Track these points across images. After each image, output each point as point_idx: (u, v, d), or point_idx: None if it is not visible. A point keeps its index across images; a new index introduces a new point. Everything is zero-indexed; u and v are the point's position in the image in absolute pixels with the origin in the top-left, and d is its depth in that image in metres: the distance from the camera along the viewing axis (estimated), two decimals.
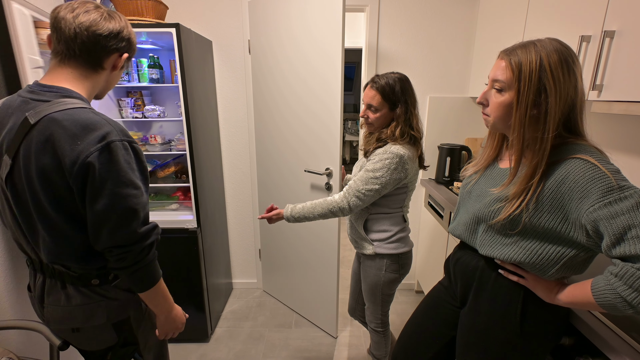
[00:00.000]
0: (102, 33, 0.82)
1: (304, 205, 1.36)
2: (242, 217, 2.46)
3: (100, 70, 0.88)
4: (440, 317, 1.10)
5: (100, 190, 0.78)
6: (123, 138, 0.81)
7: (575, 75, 0.77)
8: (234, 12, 2.08)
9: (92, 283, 0.90)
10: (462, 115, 2.22)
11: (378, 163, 1.26)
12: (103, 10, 0.84)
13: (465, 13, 2.07)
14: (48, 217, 0.82)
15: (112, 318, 0.94)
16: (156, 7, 1.68)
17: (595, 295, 0.72)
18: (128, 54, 0.90)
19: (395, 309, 2.34)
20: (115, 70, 0.91)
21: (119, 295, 0.94)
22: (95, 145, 0.76)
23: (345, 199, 1.31)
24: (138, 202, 0.84)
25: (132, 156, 0.83)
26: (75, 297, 0.90)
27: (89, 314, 0.91)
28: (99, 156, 0.77)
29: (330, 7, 1.63)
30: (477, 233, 0.95)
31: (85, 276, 0.89)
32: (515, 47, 0.80)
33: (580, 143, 0.79)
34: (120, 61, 0.89)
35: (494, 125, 0.88)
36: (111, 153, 0.78)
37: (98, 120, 0.79)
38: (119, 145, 0.79)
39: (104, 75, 0.90)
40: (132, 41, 0.91)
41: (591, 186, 0.71)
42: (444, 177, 2.15)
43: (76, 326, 0.92)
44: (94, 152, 0.76)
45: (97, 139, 0.77)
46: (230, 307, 2.39)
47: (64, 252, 0.85)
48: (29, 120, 0.78)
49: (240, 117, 2.27)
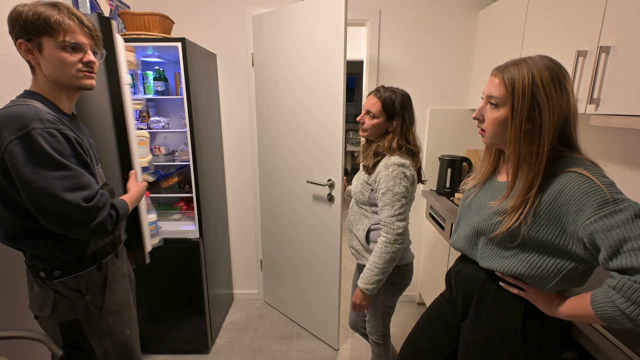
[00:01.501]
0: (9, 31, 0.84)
1: (369, 271, 1.31)
2: (244, 228, 2.47)
3: (32, 68, 0.90)
4: (442, 330, 1.10)
5: (23, 177, 0.80)
6: (48, 126, 0.81)
7: (567, 91, 0.79)
8: (238, 27, 2.13)
9: (40, 275, 0.94)
10: (463, 127, 2.24)
11: (390, 181, 1.28)
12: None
13: (464, 28, 2.11)
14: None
15: (58, 314, 0.95)
16: (163, 22, 1.73)
17: (594, 308, 0.72)
18: (22, 38, 0.85)
19: (396, 321, 2.32)
20: (34, 56, 0.87)
21: (67, 293, 0.95)
22: (16, 134, 0.78)
23: (389, 232, 1.28)
24: (74, 183, 0.84)
25: (63, 142, 0.83)
26: (34, 284, 0.96)
27: (41, 304, 0.95)
28: (20, 144, 0.78)
29: (332, 21, 1.67)
30: (478, 246, 0.95)
31: (35, 267, 0.94)
32: (508, 65, 0.83)
33: (576, 156, 0.80)
34: (22, 49, 0.86)
35: (490, 140, 0.90)
36: (32, 140, 0.79)
37: (26, 111, 0.80)
38: (40, 132, 0.79)
39: (38, 71, 0.89)
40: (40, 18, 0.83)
41: (586, 199, 0.72)
42: (445, 189, 2.16)
43: (35, 313, 0.97)
44: (14, 139, 0.78)
45: (18, 127, 0.78)
46: (231, 318, 2.38)
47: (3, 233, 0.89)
48: None
49: (242, 128, 2.30)
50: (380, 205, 1.31)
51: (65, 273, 0.94)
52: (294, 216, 2.15)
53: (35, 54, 0.86)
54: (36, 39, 0.85)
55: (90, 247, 0.98)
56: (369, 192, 1.38)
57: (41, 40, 0.85)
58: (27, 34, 0.84)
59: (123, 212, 0.98)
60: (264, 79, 2.11)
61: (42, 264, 0.92)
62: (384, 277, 1.32)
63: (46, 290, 0.93)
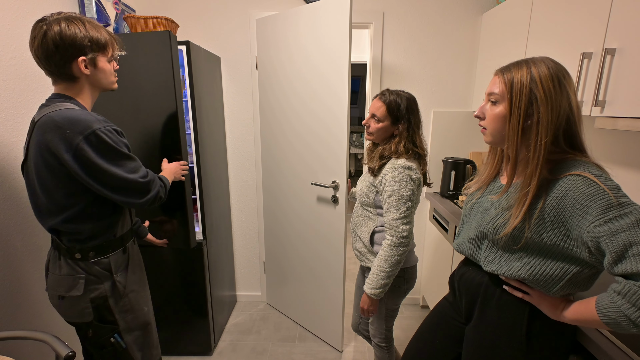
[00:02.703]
0: (49, 47, 0.94)
1: (374, 275, 1.31)
2: (247, 230, 2.48)
3: (75, 79, 1.01)
4: (446, 333, 1.09)
5: (98, 167, 0.97)
6: (105, 125, 0.99)
7: (567, 89, 0.79)
8: (242, 30, 2.15)
9: (75, 257, 1.06)
10: (467, 129, 2.23)
11: (396, 184, 1.27)
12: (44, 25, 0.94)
13: (467, 30, 2.10)
14: (49, 194, 1.00)
15: (88, 292, 1.07)
16: (167, 25, 1.74)
17: (599, 313, 0.71)
18: (88, 54, 0.99)
19: (400, 324, 2.31)
20: (90, 71, 1.01)
21: (97, 273, 1.08)
22: (83, 134, 0.94)
23: (394, 235, 1.28)
24: (133, 167, 1.05)
25: (117, 136, 1.02)
26: (63, 267, 1.06)
27: (71, 284, 1.06)
28: (88, 142, 0.95)
29: (338, 24, 1.68)
30: (481, 249, 0.95)
31: (71, 250, 1.05)
32: (510, 65, 0.85)
33: (581, 159, 0.80)
34: (82, 66, 0.99)
35: (491, 138, 0.90)
36: (98, 137, 0.96)
37: (83, 114, 0.96)
38: (102, 130, 0.97)
39: (84, 80, 1.03)
40: (95, 40, 1.00)
41: (591, 203, 0.71)
42: (449, 191, 2.15)
43: (61, 294, 1.07)
44: (83, 139, 0.94)
45: (83, 128, 0.94)
46: (234, 320, 2.38)
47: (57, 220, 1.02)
48: (33, 120, 1.00)
49: (246, 131, 2.31)
50: (386, 208, 1.31)
51: (98, 254, 1.08)
52: (298, 218, 2.15)
53: (90, 67, 1.01)
54: (94, 56, 1.01)
55: (118, 231, 1.13)
56: (374, 194, 1.37)
57: (96, 57, 1.02)
58: (87, 53, 1.00)
59: (167, 183, 1.20)
60: (268, 81, 2.12)
61: (80, 246, 1.05)
62: (390, 280, 1.32)
63: (76, 272, 1.06)
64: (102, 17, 1.78)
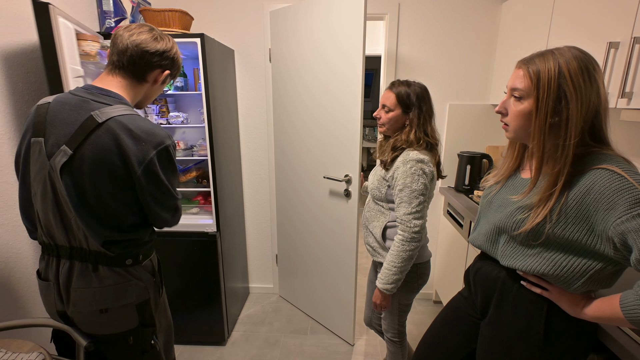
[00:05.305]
0: (149, 50, 0.97)
1: (387, 271, 1.30)
2: (260, 222, 2.50)
3: (143, 82, 1.02)
4: (460, 329, 1.08)
5: (164, 181, 0.98)
6: (172, 141, 1.00)
7: (597, 82, 0.75)
8: (255, 22, 2.14)
9: (126, 263, 1.01)
10: (483, 123, 2.18)
11: (407, 178, 1.25)
12: (156, 33, 1.00)
13: (486, 20, 2.04)
14: (105, 204, 0.94)
15: (138, 298, 1.04)
16: (182, 18, 1.75)
17: (624, 310, 0.69)
18: (170, 71, 1.04)
19: (412, 319, 2.30)
20: (156, 84, 1.04)
21: (144, 277, 1.06)
22: (156, 148, 0.94)
23: (406, 230, 1.26)
24: (176, 185, 1.05)
25: (175, 152, 1.03)
26: (108, 277, 0.99)
27: (120, 293, 1.00)
28: (158, 157, 0.95)
29: (352, 15, 1.65)
30: (499, 244, 0.93)
31: (122, 256, 1.00)
32: (533, 56, 0.80)
33: (606, 152, 0.76)
34: (161, 76, 1.03)
35: (514, 135, 0.87)
36: (168, 153, 0.97)
37: (157, 128, 0.97)
38: (171, 146, 0.99)
39: (146, 88, 1.04)
40: (176, 61, 1.05)
41: (618, 198, 0.68)
42: (464, 186, 2.11)
43: (106, 306, 0.99)
44: (156, 154, 0.94)
45: (157, 143, 0.94)
46: (247, 312, 2.41)
47: (113, 232, 0.98)
48: (96, 119, 0.89)
49: (260, 123, 2.31)
50: (397, 202, 1.30)
51: (145, 257, 1.07)
52: (310, 212, 2.15)
53: (159, 81, 1.04)
54: (169, 75, 1.05)
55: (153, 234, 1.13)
56: (386, 189, 1.36)
57: (168, 77, 1.06)
58: (170, 70, 1.04)
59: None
60: (280, 74, 2.11)
61: (132, 251, 1.03)
62: (402, 275, 1.31)
63: (126, 278, 1.01)
64: (118, 10, 1.80)
